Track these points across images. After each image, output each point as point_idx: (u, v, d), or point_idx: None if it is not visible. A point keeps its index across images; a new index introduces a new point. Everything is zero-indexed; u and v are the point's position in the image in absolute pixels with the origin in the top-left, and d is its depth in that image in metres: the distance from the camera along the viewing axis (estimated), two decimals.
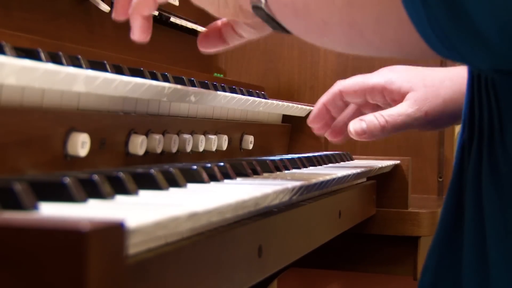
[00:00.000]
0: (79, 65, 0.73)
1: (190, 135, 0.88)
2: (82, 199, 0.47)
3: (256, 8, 0.69)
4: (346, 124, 1.02)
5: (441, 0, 0.50)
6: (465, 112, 0.67)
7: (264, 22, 0.71)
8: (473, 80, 0.65)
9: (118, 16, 0.81)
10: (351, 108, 1.06)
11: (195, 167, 0.65)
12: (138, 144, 0.76)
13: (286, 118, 1.32)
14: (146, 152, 0.79)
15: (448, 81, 0.94)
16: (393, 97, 0.98)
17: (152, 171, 0.58)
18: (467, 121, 0.66)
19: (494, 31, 0.49)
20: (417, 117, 0.94)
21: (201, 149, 0.91)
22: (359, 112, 1.05)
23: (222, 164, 0.72)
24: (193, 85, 0.96)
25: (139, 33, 0.78)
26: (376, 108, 1.03)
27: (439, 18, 0.50)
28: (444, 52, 0.55)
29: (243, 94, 1.08)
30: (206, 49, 0.82)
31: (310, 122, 1.05)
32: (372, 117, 0.95)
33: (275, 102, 1.17)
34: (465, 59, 0.58)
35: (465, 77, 0.67)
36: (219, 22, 0.81)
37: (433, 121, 0.95)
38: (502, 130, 0.60)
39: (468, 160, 0.64)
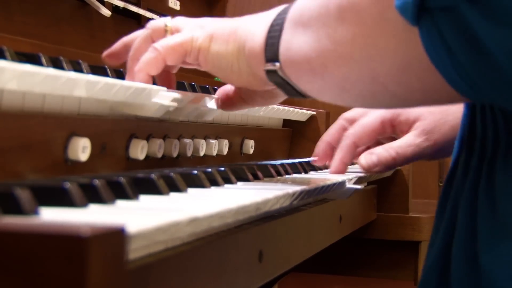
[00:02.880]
0: (80, 70, 0.73)
1: (190, 140, 0.88)
2: (83, 204, 0.47)
3: (271, 73, 0.67)
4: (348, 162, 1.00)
5: (466, 47, 0.49)
6: (463, 129, 0.67)
7: (278, 87, 0.69)
8: None
9: (111, 61, 0.81)
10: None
11: (195, 171, 0.65)
12: (139, 149, 0.76)
13: (287, 123, 1.32)
14: (147, 157, 0.79)
15: (454, 107, 0.93)
16: (401, 128, 0.97)
17: (153, 176, 0.58)
18: (466, 138, 0.66)
19: None
20: (426, 147, 0.93)
21: (201, 154, 0.91)
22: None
23: (222, 168, 0.72)
24: (194, 89, 0.96)
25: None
26: (380, 143, 1.02)
27: (465, 65, 0.50)
28: (472, 96, 0.55)
29: None
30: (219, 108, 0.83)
31: (316, 161, 1.01)
32: (382, 150, 0.94)
33: (275, 106, 1.17)
34: (495, 102, 0.57)
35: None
36: (230, 91, 0.81)
37: (442, 149, 0.94)
38: (509, 149, 0.60)
39: (464, 176, 0.64)
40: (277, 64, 0.66)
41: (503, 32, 0.47)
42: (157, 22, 0.80)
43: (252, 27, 0.70)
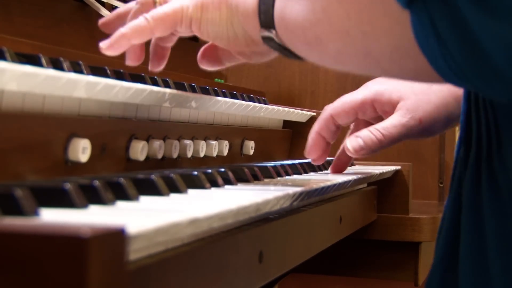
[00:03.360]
0: (80, 71, 0.73)
1: (191, 141, 0.88)
2: (83, 205, 0.47)
3: (267, 39, 0.68)
4: (346, 159, 1.01)
5: (456, 36, 0.49)
6: (462, 126, 0.67)
7: (277, 51, 0.70)
8: (470, 94, 0.65)
9: (104, 30, 0.81)
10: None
11: (196, 172, 0.65)
12: (139, 150, 0.76)
13: (287, 124, 1.32)
14: (147, 158, 0.79)
15: (436, 85, 0.93)
16: (384, 108, 0.96)
17: (153, 176, 0.58)
18: (463, 135, 0.66)
19: (509, 66, 0.48)
20: (412, 126, 0.93)
21: (202, 155, 0.91)
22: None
23: (223, 169, 0.72)
24: (194, 90, 0.96)
25: (112, 51, 0.75)
26: (369, 125, 1.02)
27: (454, 53, 0.50)
28: (458, 83, 0.55)
29: (243, 100, 1.08)
30: (206, 68, 0.81)
31: (307, 153, 1.00)
32: (367, 132, 0.93)
33: (275, 107, 1.17)
34: (480, 90, 0.57)
35: None
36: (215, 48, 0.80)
37: (428, 128, 0.94)
38: (500, 144, 0.60)
39: (465, 173, 0.64)
40: (273, 31, 0.66)
41: (496, 23, 0.47)
42: None
43: None
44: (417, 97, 0.94)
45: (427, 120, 0.93)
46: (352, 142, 0.93)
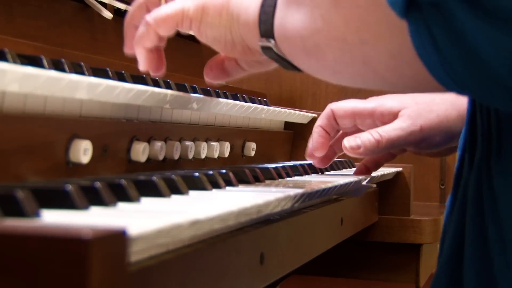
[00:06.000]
0: (81, 72, 0.73)
1: (192, 142, 0.88)
2: (84, 207, 0.47)
3: (266, 49, 0.68)
4: (333, 151, 1.01)
5: (454, 45, 0.49)
6: (466, 127, 0.67)
7: (275, 61, 0.70)
8: None
9: (128, 49, 0.81)
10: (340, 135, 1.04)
11: (197, 174, 0.65)
12: (140, 151, 0.76)
13: (288, 125, 1.32)
14: (148, 159, 0.79)
15: (439, 98, 0.94)
16: (384, 120, 0.97)
17: (154, 178, 0.58)
18: (468, 136, 0.65)
19: (509, 73, 0.48)
20: (412, 131, 0.93)
21: (203, 156, 0.91)
22: None
23: (224, 171, 0.72)
24: (195, 92, 0.96)
25: (144, 65, 0.78)
26: None
27: (452, 62, 0.50)
28: (458, 91, 0.54)
29: (245, 101, 1.08)
30: (211, 80, 0.81)
31: (315, 149, 0.98)
32: (367, 133, 0.94)
33: (277, 109, 1.17)
34: (481, 98, 0.57)
35: (453, 95, 0.67)
36: (222, 55, 0.80)
37: (428, 137, 0.94)
38: (500, 149, 0.60)
39: (469, 175, 0.64)
40: (272, 40, 0.66)
41: (493, 31, 0.47)
42: None
43: (245, 1, 0.70)
44: (419, 106, 0.94)
45: (428, 128, 0.93)
46: (349, 141, 0.94)
